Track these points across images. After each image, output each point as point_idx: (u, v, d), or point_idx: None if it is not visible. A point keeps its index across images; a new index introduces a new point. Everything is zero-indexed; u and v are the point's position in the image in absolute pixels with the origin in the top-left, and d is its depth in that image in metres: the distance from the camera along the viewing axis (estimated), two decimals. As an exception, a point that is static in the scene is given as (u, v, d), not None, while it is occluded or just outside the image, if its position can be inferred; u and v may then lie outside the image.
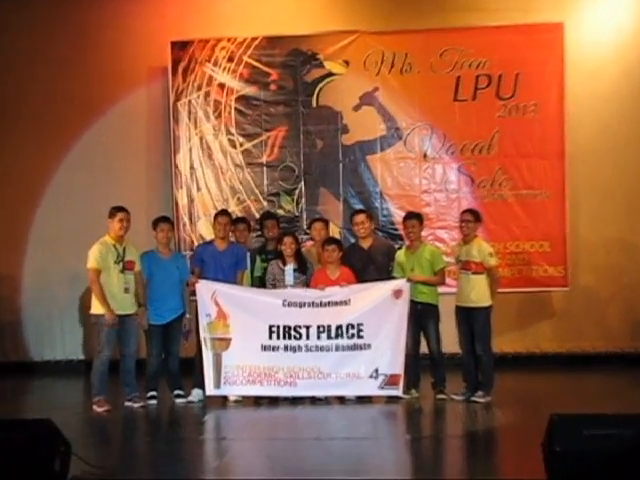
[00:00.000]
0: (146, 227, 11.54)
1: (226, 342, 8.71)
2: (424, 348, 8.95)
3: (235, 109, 11.47)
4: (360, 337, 8.55)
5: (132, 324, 8.77)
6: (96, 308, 8.68)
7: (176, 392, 9.04)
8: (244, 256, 9.22)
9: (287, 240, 9.05)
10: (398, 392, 8.58)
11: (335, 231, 11.06)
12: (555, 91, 10.99)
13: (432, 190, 11.26)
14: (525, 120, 11.01)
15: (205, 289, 8.75)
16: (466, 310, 8.66)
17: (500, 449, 7.11)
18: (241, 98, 11.48)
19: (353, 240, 9.92)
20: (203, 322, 8.71)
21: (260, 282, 9.22)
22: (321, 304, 8.64)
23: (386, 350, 8.55)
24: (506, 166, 11.07)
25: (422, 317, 8.78)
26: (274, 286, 8.90)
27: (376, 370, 8.53)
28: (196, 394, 8.90)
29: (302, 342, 8.58)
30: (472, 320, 8.60)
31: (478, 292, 8.59)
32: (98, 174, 11.60)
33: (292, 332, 8.58)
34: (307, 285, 8.88)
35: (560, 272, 10.95)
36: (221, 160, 11.53)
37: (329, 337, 8.57)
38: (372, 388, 8.57)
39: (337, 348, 8.58)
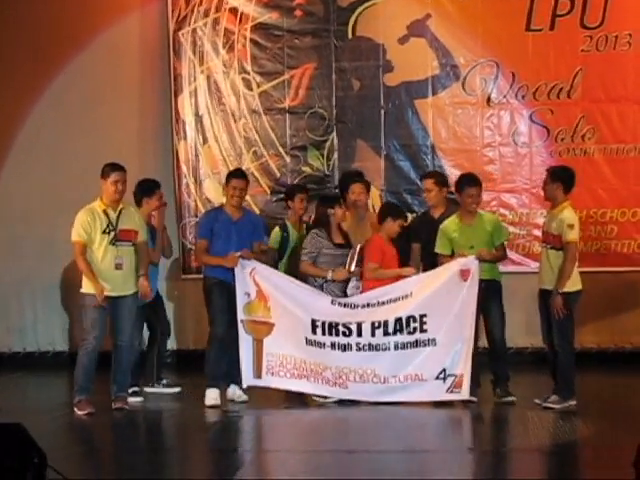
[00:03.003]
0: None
1: (268, 327, 8.81)
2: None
3: (251, 41, 11.45)
4: (423, 331, 8.59)
5: (127, 308, 8.81)
6: (85, 286, 8.75)
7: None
8: (261, 225, 9.31)
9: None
10: (464, 395, 8.60)
11: (375, 194, 11.03)
12: (656, 17, 10.88)
13: (497, 144, 11.20)
14: (616, 55, 10.91)
15: (244, 264, 8.81)
16: (543, 293, 8.67)
17: (578, 470, 7.06)
18: (258, 27, 11.45)
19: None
20: (241, 303, 8.81)
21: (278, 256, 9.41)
22: (378, 303, 8.70)
23: (454, 345, 8.59)
24: (591, 114, 10.98)
25: (485, 297, 8.79)
26: (314, 262, 8.91)
27: (443, 370, 8.57)
28: (232, 393, 8.97)
29: (352, 339, 8.65)
30: (549, 306, 8.57)
31: (556, 272, 8.55)
32: (78, 123, 11.63)
33: (340, 328, 8.65)
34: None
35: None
36: (233, 105, 11.52)
37: (386, 334, 8.63)
38: (439, 392, 8.62)
39: (396, 346, 8.63)
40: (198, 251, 9.26)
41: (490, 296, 8.84)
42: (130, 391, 9.11)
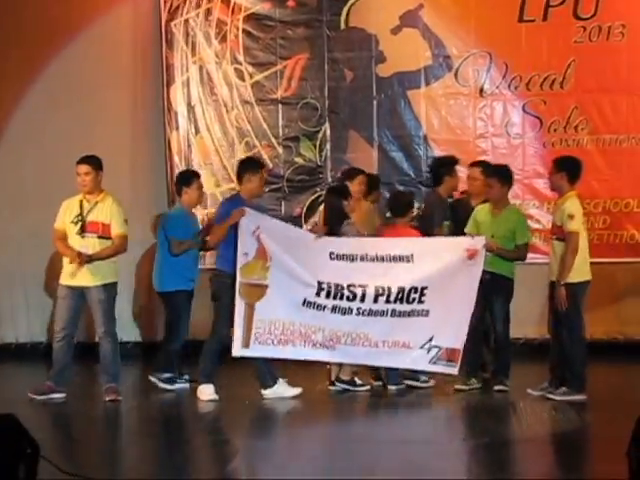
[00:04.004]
0: (130, 178, 11.60)
1: (260, 290, 8.71)
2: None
3: (243, 31, 11.43)
4: (421, 302, 8.65)
5: (95, 299, 8.83)
6: (60, 278, 8.94)
7: None
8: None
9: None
10: (454, 370, 8.69)
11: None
12: (649, 9, 10.89)
13: (489, 134, 11.21)
14: (609, 46, 10.90)
15: (249, 222, 8.63)
16: (553, 285, 8.68)
17: (570, 460, 7.06)
18: (251, 17, 11.43)
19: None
20: (239, 264, 8.68)
21: None
22: (377, 258, 8.70)
23: (446, 318, 8.63)
24: (584, 104, 10.99)
25: (489, 290, 8.81)
26: None
27: (430, 339, 8.62)
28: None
29: (355, 304, 8.64)
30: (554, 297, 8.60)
31: (559, 263, 8.56)
32: (69, 113, 11.57)
33: (345, 292, 8.63)
34: None
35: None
36: (226, 95, 11.51)
37: (387, 301, 8.65)
38: (422, 362, 8.70)
39: (392, 313, 8.66)
40: (214, 231, 9.04)
41: (496, 291, 8.89)
42: (165, 376, 9.29)
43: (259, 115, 11.44)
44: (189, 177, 9.76)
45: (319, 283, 8.64)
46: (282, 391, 8.74)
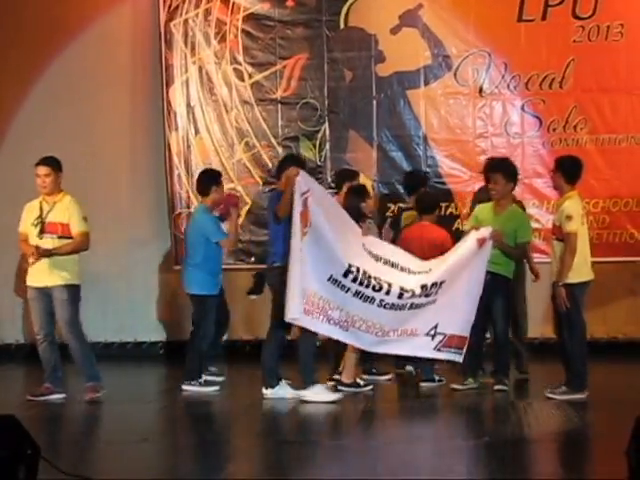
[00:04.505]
0: (129, 178, 11.60)
1: None
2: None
3: (243, 31, 11.43)
4: (436, 294, 8.61)
5: (56, 299, 8.86)
6: None
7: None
8: None
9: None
10: (459, 358, 8.68)
11: (367, 184, 10.99)
12: (647, 8, 10.90)
13: (489, 134, 11.22)
14: (608, 46, 10.91)
15: (303, 182, 8.48)
16: (554, 285, 8.67)
17: (569, 459, 7.08)
18: (250, 17, 11.43)
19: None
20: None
21: None
22: (401, 268, 8.64)
23: (451, 306, 8.60)
24: (583, 104, 11.00)
25: (490, 290, 8.79)
26: None
27: (435, 327, 8.60)
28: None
29: (379, 295, 8.49)
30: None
31: (559, 263, 8.58)
32: (69, 113, 11.59)
33: (372, 282, 8.49)
34: None
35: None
36: (225, 95, 11.51)
37: (412, 296, 8.56)
38: (427, 348, 8.66)
39: (411, 306, 8.61)
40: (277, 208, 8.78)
41: (496, 291, 8.87)
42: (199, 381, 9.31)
43: (259, 115, 11.44)
44: (218, 175, 9.74)
45: (349, 266, 8.44)
46: (283, 393, 8.72)
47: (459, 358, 8.70)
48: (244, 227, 11.31)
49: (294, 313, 8.35)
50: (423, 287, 8.55)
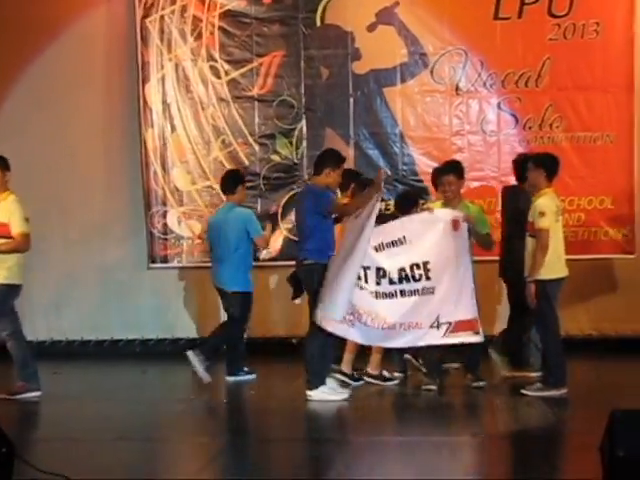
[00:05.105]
0: (105, 176, 11.57)
1: None
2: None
3: (219, 28, 11.42)
4: (428, 278, 8.59)
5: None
6: None
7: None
8: None
9: None
10: (478, 338, 8.62)
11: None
12: (623, 6, 10.92)
13: (465, 132, 11.25)
14: (584, 44, 10.96)
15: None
16: (525, 280, 8.70)
17: (543, 455, 7.10)
18: (226, 14, 11.42)
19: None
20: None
21: None
22: (377, 247, 8.62)
23: (448, 294, 8.60)
24: (559, 102, 11.05)
25: None
26: None
27: (437, 318, 8.59)
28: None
29: (372, 287, 8.58)
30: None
31: (530, 260, 8.62)
32: (47, 111, 11.56)
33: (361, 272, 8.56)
34: None
35: (625, 235, 10.95)
36: (201, 93, 11.50)
37: (391, 283, 8.59)
38: (435, 337, 8.61)
39: (402, 294, 8.62)
40: (338, 206, 8.82)
41: None
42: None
43: (235, 113, 11.44)
44: (243, 176, 10.09)
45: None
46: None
47: (479, 338, 8.62)
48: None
49: (338, 315, 8.38)
50: (401, 270, 8.56)
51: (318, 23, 11.38)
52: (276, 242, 11.12)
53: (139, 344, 11.66)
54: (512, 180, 10.83)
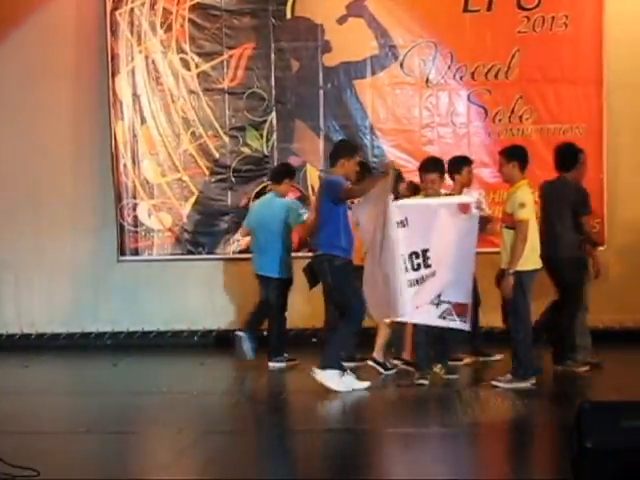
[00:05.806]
0: (75, 168, 11.52)
1: None
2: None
3: (189, 20, 11.39)
4: (428, 266, 8.60)
5: None
6: None
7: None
8: None
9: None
10: (465, 326, 8.68)
11: (314, 174, 11.07)
12: (592, -1, 11.00)
13: (435, 124, 11.27)
14: (553, 36, 11.00)
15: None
16: (502, 272, 8.76)
17: (512, 448, 7.15)
18: (197, 7, 11.39)
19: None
20: None
21: None
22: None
23: (450, 275, 8.62)
24: (528, 94, 11.09)
25: None
26: None
27: (439, 295, 8.63)
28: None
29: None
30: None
31: (508, 251, 8.65)
32: (14, 103, 11.53)
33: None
34: None
35: (593, 227, 10.98)
36: (171, 85, 11.47)
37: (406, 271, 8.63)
38: (432, 316, 8.67)
39: (410, 285, 8.62)
40: (347, 189, 8.72)
41: None
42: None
43: (205, 105, 11.41)
44: (294, 172, 10.32)
45: None
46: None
47: (466, 326, 8.68)
48: (190, 217, 11.32)
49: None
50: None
51: (288, 15, 11.37)
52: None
53: (110, 337, 11.62)
54: (482, 172, 10.91)
